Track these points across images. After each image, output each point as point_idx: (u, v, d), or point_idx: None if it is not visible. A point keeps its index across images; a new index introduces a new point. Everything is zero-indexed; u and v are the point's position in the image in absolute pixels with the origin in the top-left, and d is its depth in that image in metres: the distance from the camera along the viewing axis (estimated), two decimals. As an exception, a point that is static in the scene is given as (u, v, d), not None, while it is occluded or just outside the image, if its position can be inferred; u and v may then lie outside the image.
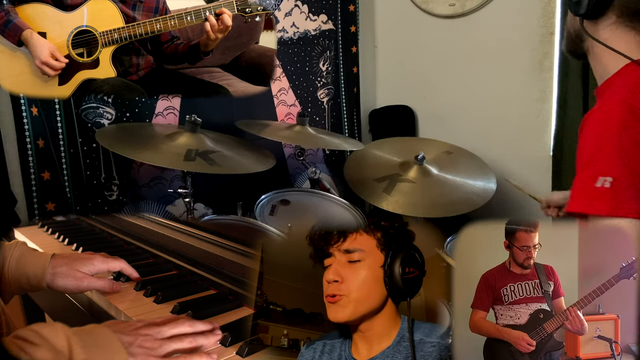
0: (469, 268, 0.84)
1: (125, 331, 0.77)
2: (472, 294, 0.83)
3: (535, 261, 0.84)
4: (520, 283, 0.84)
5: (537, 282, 0.84)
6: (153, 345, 0.76)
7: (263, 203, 1.77)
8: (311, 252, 0.81)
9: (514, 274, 0.85)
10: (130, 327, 0.79)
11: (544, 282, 0.83)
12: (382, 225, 0.79)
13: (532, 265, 0.84)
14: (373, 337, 0.78)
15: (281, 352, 0.88)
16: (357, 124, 2.81)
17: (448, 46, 2.57)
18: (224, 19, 1.58)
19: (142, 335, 0.77)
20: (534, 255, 0.84)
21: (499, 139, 2.39)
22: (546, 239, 0.85)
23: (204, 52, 1.71)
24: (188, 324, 0.84)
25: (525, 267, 0.84)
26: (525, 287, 0.84)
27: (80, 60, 1.59)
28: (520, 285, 0.84)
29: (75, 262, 1.03)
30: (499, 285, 0.84)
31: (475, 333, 0.83)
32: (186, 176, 1.73)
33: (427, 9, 2.58)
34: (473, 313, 0.83)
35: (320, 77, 2.58)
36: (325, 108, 2.64)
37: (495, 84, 2.41)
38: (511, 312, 0.83)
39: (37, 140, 1.77)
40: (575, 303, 0.80)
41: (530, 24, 2.22)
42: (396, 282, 0.76)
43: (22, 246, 1.03)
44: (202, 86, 1.84)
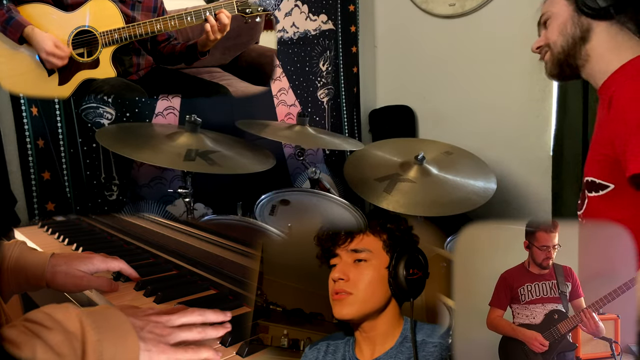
0: (469, 268, 0.84)
1: (137, 315, 0.77)
2: (472, 294, 0.84)
3: (554, 262, 0.85)
4: (538, 283, 0.85)
5: (554, 282, 0.84)
6: (163, 333, 0.76)
7: (263, 203, 1.77)
8: (318, 253, 0.83)
9: (532, 274, 0.85)
10: (142, 313, 0.79)
11: (561, 283, 0.84)
12: (389, 227, 0.81)
13: (550, 266, 0.85)
14: (376, 337, 0.79)
15: (281, 352, 0.88)
16: (357, 124, 2.81)
17: (448, 46, 2.57)
18: (222, 18, 1.59)
19: (152, 321, 0.77)
20: (553, 255, 0.85)
21: (499, 139, 2.39)
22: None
23: (201, 53, 1.71)
24: (198, 313, 0.84)
25: (544, 267, 0.85)
26: (543, 287, 0.85)
27: (80, 60, 1.59)
28: (538, 285, 0.85)
29: (74, 261, 1.03)
30: (517, 284, 0.84)
31: (492, 331, 0.84)
32: (186, 176, 1.73)
33: (427, 9, 2.59)
34: (491, 311, 0.84)
35: (320, 77, 2.58)
36: (325, 108, 2.64)
37: (495, 84, 2.41)
38: (527, 312, 0.84)
39: (37, 140, 1.77)
40: (590, 304, 0.81)
41: (530, 24, 2.21)
42: (400, 283, 0.78)
43: (22, 245, 1.03)
44: (202, 86, 1.84)
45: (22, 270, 0.99)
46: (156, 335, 0.75)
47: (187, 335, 0.79)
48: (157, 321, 0.77)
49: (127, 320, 0.73)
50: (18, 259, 0.99)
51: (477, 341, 0.84)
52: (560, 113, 2.15)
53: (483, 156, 1.99)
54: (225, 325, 0.86)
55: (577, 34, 1.14)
